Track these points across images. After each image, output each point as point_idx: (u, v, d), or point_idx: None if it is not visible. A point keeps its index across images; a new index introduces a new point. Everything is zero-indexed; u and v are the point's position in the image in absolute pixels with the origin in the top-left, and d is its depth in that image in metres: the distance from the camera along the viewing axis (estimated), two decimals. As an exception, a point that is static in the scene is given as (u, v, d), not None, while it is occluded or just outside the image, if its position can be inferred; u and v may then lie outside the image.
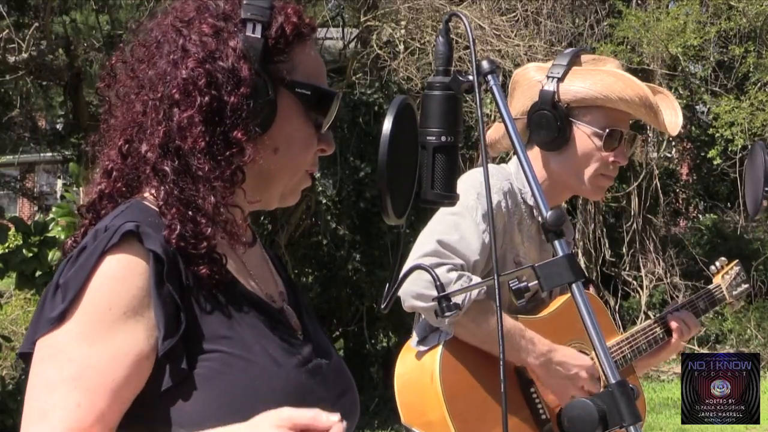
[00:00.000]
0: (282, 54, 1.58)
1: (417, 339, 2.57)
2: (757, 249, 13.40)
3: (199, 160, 1.50)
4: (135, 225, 1.46)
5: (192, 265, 1.49)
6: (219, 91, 1.52)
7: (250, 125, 1.53)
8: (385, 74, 10.68)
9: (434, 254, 2.45)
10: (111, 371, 1.42)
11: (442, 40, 1.59)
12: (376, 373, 11.21)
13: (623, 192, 12.51)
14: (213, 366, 1.46)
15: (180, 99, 1.52)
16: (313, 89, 1.60)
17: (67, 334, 1.43)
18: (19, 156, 14.78)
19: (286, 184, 1.63)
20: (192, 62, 1.52)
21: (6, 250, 6.99)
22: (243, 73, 1.53)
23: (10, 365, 10.43)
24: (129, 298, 1.44)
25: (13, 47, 9.91)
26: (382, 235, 10.75)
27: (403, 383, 2.58)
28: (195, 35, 1.55)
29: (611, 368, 1.42)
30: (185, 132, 1.50)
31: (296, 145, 1.60)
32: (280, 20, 1.58)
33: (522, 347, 2.54)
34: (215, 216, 1.51)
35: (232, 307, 1.53)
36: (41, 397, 1.42)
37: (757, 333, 12.22)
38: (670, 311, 2.90)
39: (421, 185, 1.55)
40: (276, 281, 1.72)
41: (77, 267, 1.45)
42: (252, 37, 1.55)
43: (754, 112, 11.43)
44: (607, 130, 2.60)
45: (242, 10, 1.56)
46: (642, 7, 12.01)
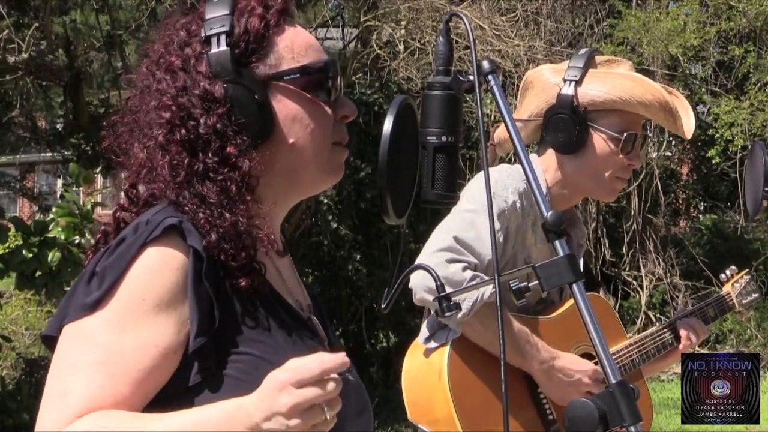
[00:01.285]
0: (257, 52, 1.57)
1: (426, 335, 2.56)
2: (757, 249, 13.40)
3: (203, 186, 1.51)
4: (178, 220, 1.47)
5: (232, 278, 1.50)
6: (197, 120, 1.52)
7: (243, 137, 1.53)
8: (385, 74, 10.68)
9: (450, 250, 2.45)
10: (137, 360, 1.42)
11: (442, 40, 1.59)
12: (376, 373, 11.20)
13: (623, 192, 12.51)
14: (243, 368, 1.46)
15: (164, 141, 1.53)
16: (302, 70, 1.58)
17: (98, 319, 1.43)
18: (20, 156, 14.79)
19: (318, 166, 1.61)
20: (167, 101, 1.54)
21: (6, 250, 6.98)
22: (216, 93, 1.53)
23: (10, 365, 10.42)
24: (164, 291, 1.44)
25: (13, 47, 9.91)
26: (382, 235, 10.75)
27: (410, 380, 2.58)
28: (165, 74, 1.56)
29: (612, 368, 1.42)
30: (179, 166, 1.52)
31: (310, 128, 1.59)
32: (243, 21, 1.56)
33: (526, 352, 2.54)
34: (237, 231, 1.51)
35: (266, 312, 1.53)
36: (64, 377, 1.43)
37: (757, 333, 12.22)
38: (680, 317, 2.90)
39: (422, 185, 1.55)
40: (304, 292, 1.72)
41: (116, 256, 1.45)
42: (218, 52, 1.54)
43: (754, 112, 11.43)
44: (625, 134, 2.61)
45: (204, 29, 1.56)
46: (642, 8, 12.01)
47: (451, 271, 2.41)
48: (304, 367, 1.34)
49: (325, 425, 1.36)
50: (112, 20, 11.37)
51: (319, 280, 11.38)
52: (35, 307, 11.48)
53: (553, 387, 2.57)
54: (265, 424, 1.34)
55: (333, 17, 11.71)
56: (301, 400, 1.33)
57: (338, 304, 11.34)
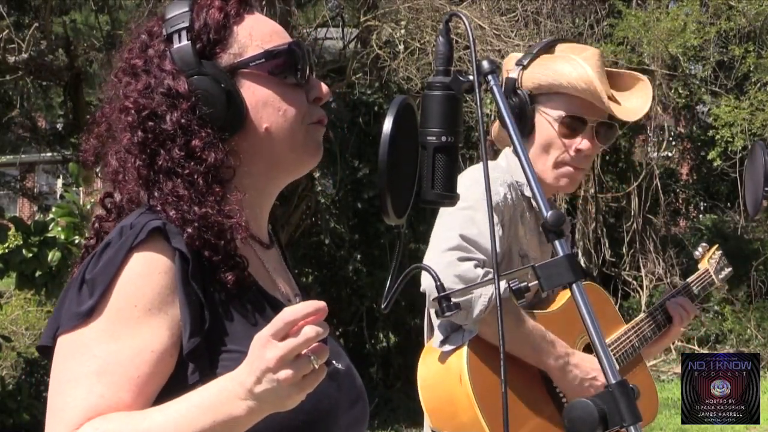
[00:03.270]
0: (219, 43, 1.58)
1: (440, 338, 2.52)
2: (757, 249, 13.39)
3: (170, 182, 1.52)
4: (162, 223, 1.48)
5: (217, 274, 1.50)
6: (162, 118, 1.53)
7: (208, 130, 1.54)
8: (385, 74, 10.67)
9: (459, 248, 2.43)
10: (135, 367, 1.43)
11: (442, 40, 1.59)
12: (376, 373, 11.21)
13: (623, 192, 12.52)
14: (234, 366, 1.46)
15: (129, 144, 1.55)
16: (266, 54, 1.58)
17: (93, 330, 1.44)
18: (20, 156, 14.79)
19: (295, 148, 1.61)
20: (129, 104, 1.55)
21: (6, 250, 6.99)
22: (180, 88, 1.54)
23: (10, 365, 10.42)
24: (153, 295, 1.45)
25: (13, 47, 9.92)
26: (380, 235, 10.76)
27: (428, 388, 2.55)
28: (129, 77, 1.58)
29: (612, 368, 1.42)
30: (144, 166, 1.53)
31: (282, 111, 1.59)
32: (203, 15, 1.58)
33: (542, 349, 2.53)
34: (207, 223, 1.51)
35: (253, 308, 1.54)
36: (64, 391, 1.43)
37: (757, 333, 12.21)
38: (668, 298, 2.94)
39: (422, 185, 1.54)
40: (292, 284, 1.72)
41: (104, 263, 1.46)
42: (179, 47, 1.55)
43: (754, 112, 11.43)
44: (565, 116, 2.58)
45: (165, 28, 1.57)
46: (642, 7, 12.01)
47: (463, 269, 2.41)
48: (280, 317, 1.35)
49: (315, 376, 1.36)
50: (112, 20, 11.39)
51: (319, 280, 11.38)
52: (35, 307, 11.48)
53: (569, 383, 2.56)
54: (257, 387, 1.35)
55: (333, 17, 11.71)
56: (285, 351, 1.33)
57: (338, 304, 11.33)
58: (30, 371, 9.90)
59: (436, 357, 2.53)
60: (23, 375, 9.94)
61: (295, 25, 9.87)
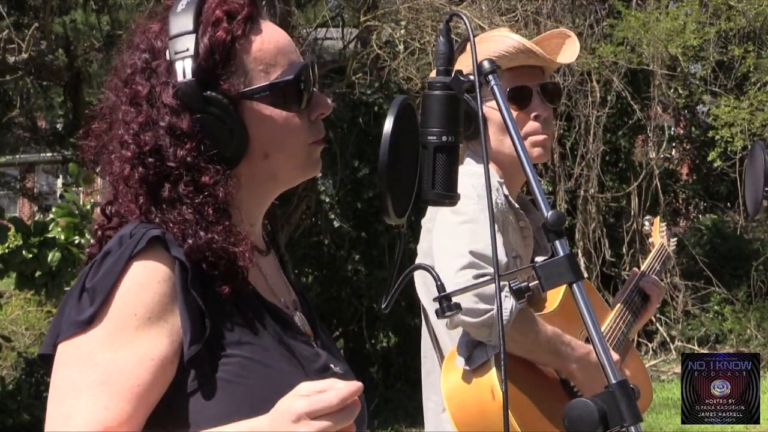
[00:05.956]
0: (224, 69, 1.54)
1: (463, 359, 2.49)
2: (757, 249, 13.40)
3: (176, 210, 1.51)
4: (161, 231, 1.48)
5: (214, 285, 1.50)
6: (165, 153, 1.51)
7: (217, 166, 1.52)
8: (385, 74, 10.68)
9: (472, 266, 2.40)
10: (136, 376, 1.43)
11: (442, 39, 1.59)
12: (376, 374, 11.22)
13: (623, 192, 12.52)
14: (234, 370, 1.47)
15: (128, 174, 1.53)
16: (271, 87, 1.55)
17: (93, 338, 1.44)
18: (20, 156, 14.79)
19: (295, 168, 1.61)
20: (129, 138, 1.52)
21: (6, 250, 6.99)
22: (184, 127, 1.51)
23: (10, 365, 10.43)
24: (153, 303, 1.45)
25: (13, 47, 9.92)
26: (379, 235, 10.76)
27: (458, 406, 2.51)
28: (130, 105, 1.54)
29: (612, 368, 1.42)
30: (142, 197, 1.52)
31: (283, 140, 1.58)
32: (208, 38, 1.53)
33: (563, 353, 2.52)
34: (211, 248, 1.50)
35: (251, 314, 1.54)
36: (67, 401, 1.42)
37: (757, 333, 12.21)
38: (639, 280, 2.98)
39: (422, 185, 1.54)
40: (289, 289, 1.72)
41: (104, 272, 1.46)
42: (184, 83, 1.51)
43: (753, 112, 11.43)
44: (509, 90, 2.56)
45: (168, 51, 1.53)
46: (642, 8, 12.01)
47: (480, 287, 2.39)
48: (321, 398, 1.35)
49: None
50: (112, 20, 11.39)
51: (319, 280, 11.38)
52: (35, 307, 11.49)
53: (592, 383, 2.54)
54: None
55: (333, 17, 11.71)
56: (310, 413, 1.34)
57: (338, 304, 11.34)
58: (30, 371, 9.90)
59: (459, 375, 2.50)
60: (23, 375, 9.94)
61: (295, 25, 9.86)
